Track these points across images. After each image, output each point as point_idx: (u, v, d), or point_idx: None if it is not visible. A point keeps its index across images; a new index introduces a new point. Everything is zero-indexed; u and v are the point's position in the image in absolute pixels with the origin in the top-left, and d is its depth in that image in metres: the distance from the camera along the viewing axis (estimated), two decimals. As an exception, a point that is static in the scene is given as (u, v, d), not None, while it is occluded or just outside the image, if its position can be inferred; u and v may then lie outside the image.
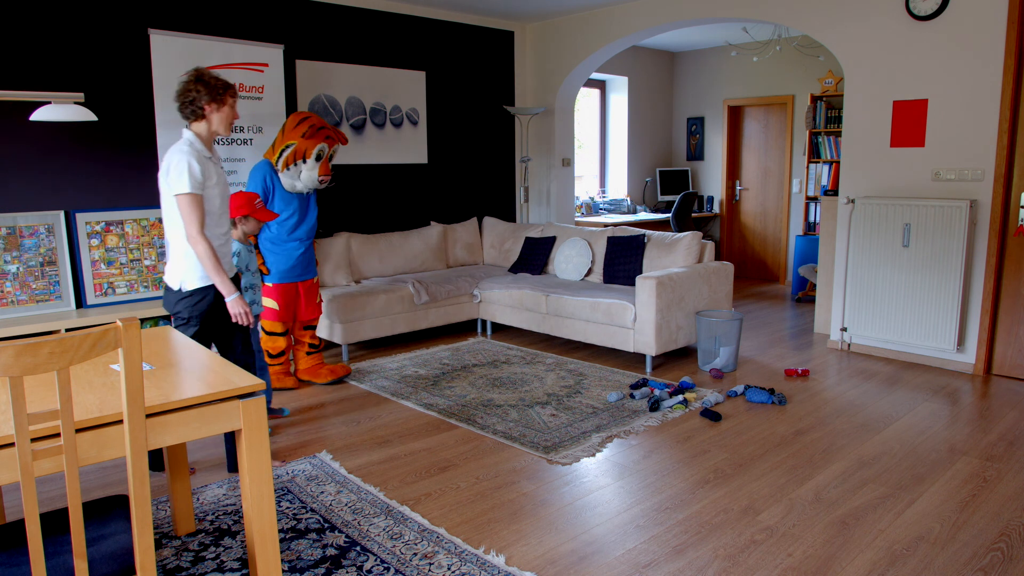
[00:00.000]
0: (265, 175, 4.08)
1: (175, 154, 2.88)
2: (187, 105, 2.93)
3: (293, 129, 4.10)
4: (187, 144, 2.92)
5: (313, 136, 4.08)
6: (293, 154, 4.06)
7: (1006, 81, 4.26)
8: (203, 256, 2.86)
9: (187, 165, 2.81)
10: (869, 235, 4.81)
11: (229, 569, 2.40)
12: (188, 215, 2.83)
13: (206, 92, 2.92)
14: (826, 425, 3.67)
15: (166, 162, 2.88)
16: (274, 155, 4.10)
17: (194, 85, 2.92)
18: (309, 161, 4.09)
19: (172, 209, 2.90)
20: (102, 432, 1.65)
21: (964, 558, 2.43)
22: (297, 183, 4.12)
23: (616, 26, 6.32)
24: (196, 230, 2.83)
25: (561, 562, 2.43)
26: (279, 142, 4.11)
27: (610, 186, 8.70)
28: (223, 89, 2.97)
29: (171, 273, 2.99)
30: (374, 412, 3.95)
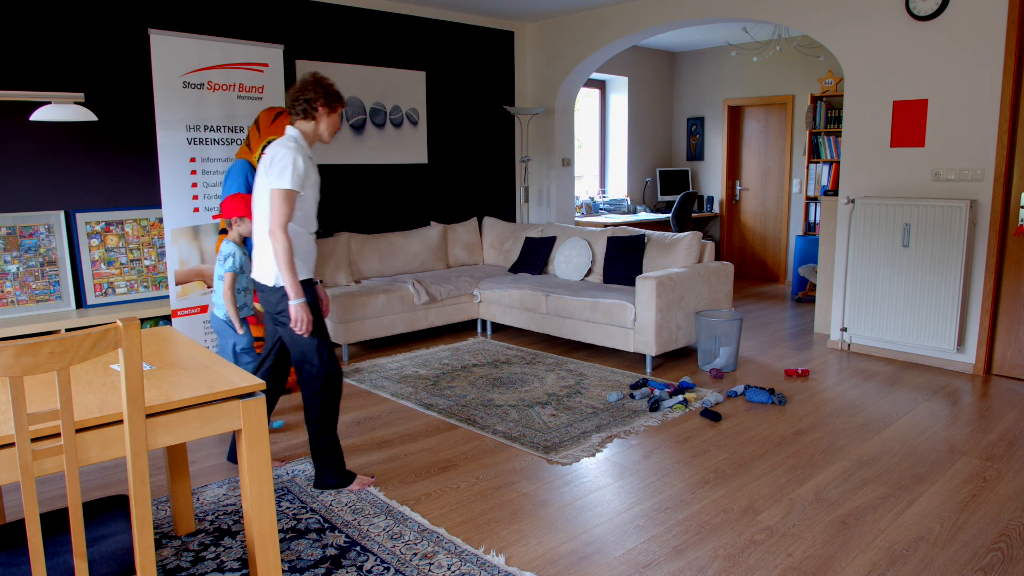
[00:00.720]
0: (246, 174, 3.95)
1: (281, 148, 2.84)
2: (300, 102, 2.91)
3: (272, 125, 3.99)
4: (294, 140, 2.90)
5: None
6: None
7: (1006, 81, 4.26)
8: (280, 251, 2.79)
9: (293, 160, 2.79)
10: (869, 235, 4.81)
11: (229, 569, 2.40)
12: (279, 209, 2.78)
13: (324, 94, 2.92)
14: (826, 425, 3.67)
15: (270, 155, 2.84)
16: (253, 154, 4.01)
17: (313, 87, 2.92)
18: None
19: (264, 201, 2.85)
20: (102, 432, 1.65)
21: (964, 558, 2.43)
22: None
23: (616, 26, 6.32)
24: (281, 225, 2.79)
25: (561, 562, 2.43)
26: (256, 140, 4.00)
27: (610, 186, 8.70)
28: (338, 98, 2.98)
29: (265, 271, 2.92)
30: (374, 412, 3.95)
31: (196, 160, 4.39)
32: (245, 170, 3.97)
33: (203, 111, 4.36)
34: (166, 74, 4.21)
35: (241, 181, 3.95)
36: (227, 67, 4.43)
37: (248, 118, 4.55)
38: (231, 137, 4.50)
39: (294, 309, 2.82)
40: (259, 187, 2.88)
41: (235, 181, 3.94)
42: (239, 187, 3.93)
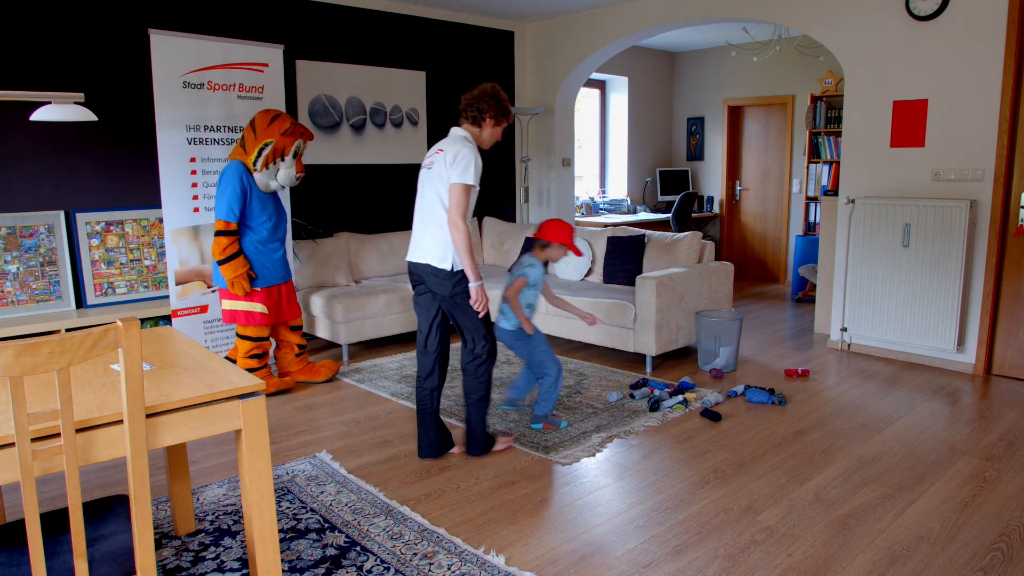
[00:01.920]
0: (242, 176, 3.94)
1: (463, 146, 3.06)
2: (473, 108, 3.16)
3: (268, 128, 3.99)
4: (470, 140, 3.14)
5: (292, 133, 4.02)
6: (272, 152, 3.97)
7: (1006, 81, 4.26)
8: (461, 240, 3.02)
9: (474, 160, 3.04)
10: (869, 235, 4.81)
11: (229, 569, 2.40)
12: (459, 202, 3.02)
13: (496, 107, 3.17)
14: (826, 425, 3.67)
15: (453, 151, 3.04)
16: (249, 156, 3.98)
17: (489, 99, 3.16)
18: (287, 159, 4.03)
19: (443, 194, 3.06)
20: (102, 432, 1.65)
21: (964, 558, 2.43)
22: (272, 182, 4.04)
23: (616, 26, 6.32)
24: (461, 216, 3.03)
25: (561, 562, 2.43)
26: (252, 142, 3.98)
27: (610, 186, 8.70)
28: (506, 113, 3.22)
29: (438, 256, 3.10)
30: (374, 412, 3.95)
31: (196, 160, 4.39)
32: (240, 172, 3.96)
33: (203, 111, 4.36)
34: (166, 74, 4.21)
35: (236, 183, 3.93)
36: (227, 67, 4.43)
37: (248, 118, 4.55)
38: (231, 137, 4.51)
39: (474, 290, 3.11)
40: (429, 180, 3.12)
41: (230, 183, 3.92)
42: (234, 189, 3.91)
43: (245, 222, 4.01)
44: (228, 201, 3.90)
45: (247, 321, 4.08)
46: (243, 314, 4.08)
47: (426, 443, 3.31)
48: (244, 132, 4.06)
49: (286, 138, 4.00)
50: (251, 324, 4.09)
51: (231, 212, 3.91)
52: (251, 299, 4.08)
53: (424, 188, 3.16)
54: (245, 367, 4.13)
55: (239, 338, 4.14)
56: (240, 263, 3.97)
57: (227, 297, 4.09)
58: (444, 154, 3.08)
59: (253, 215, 4.01)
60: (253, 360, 4.16)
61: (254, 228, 4.04)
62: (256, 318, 4.10)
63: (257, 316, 4.10)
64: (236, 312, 4.08)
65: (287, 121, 4.03)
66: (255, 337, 4.13)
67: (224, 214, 3.91)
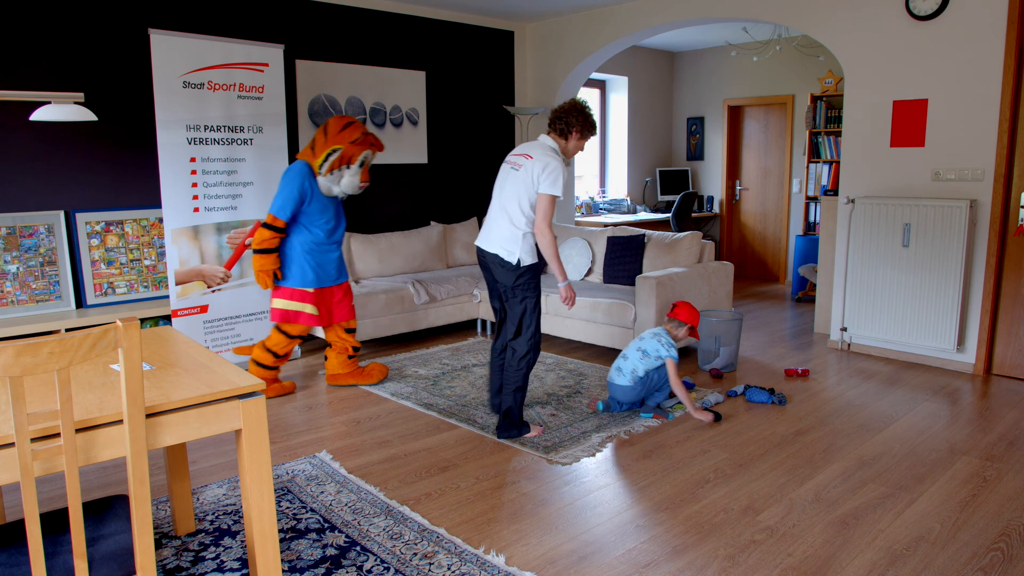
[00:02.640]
0: (304, 178, 3.95)
1: (552, 158, 3.32)
2: (561, 121, 3.42)
3: (339, 134, 3.98)
4: (557, 152, 3.40)
5: (361, 143, 4.01)
6: (339, 159, 3.97)
7: (1006, 81, 4.26)
8: (548, 246, 3.35)
9: (561, 173, 3.30)
10: (869, 235, 4.81)
11: (229, 569, 2.40)
12: (546, 211, 3.32)
13: (582, 122, 3.41)
14: (826, 425, 3.67)
15: (543, 161, 3.30)
16: (316, 159, 3.97)
17: (578, 113, 3.41)
18: (353, 167, 4.01)
19: (523, 196, 3.35)
20: (102, 432, 1.65)
21: (964, 558, 2.43)
22: (335, 188, 4.03)
23: (616, 26, 6.32)
24: (548, 224, 3.33)
25: (561, 562, 2.43)
26: (321, 146, 3.97)
27: (610, 186, 8.70)
28: (592, 128, 3.46)
29: (505, 250, 3.40)
30: (374, 412, 3.95)
31: (196, 160, 4.39)
32: (304, 174, 3.96)
33: (203, 111, 4.36)
34: (166, 74, 4.21)
35: (297, 186, 3.93)
36: (227, 67, 4.44)
37: (248, 118, 4.56)
38: (231, 137, 4.51)
39: (563, 289, 3.52)
40: (513, 180, 3.39)
41: (291, 183, 3.93)
42: (293, 191, 3.92)
43: (303, 223, 4.01)
44: (284, 201, 3.91)
45: (294, 320, 4.07)
46: (292, 313, 4.06)
47: (496, 402, 3.71)
48: (315, 134, 4.07)
49: (355, 147, 3.99)
50: (297, 323, 4.07)
51: (283, 211, 3.92)
52: (301, 299, 4.06)
53: (506, 185, 3.42)
54: (258, 358, 4.13)
55: (275, 330, 4.12)
56: (272, 259, 3.97)
57: (278, 296, 4.07)
58: (534, 162, 3.32)
59: (312, 217, 4.01)
60: (269, 356, 4.13)
61: (311, 230, 4.03)
62: (303, 318, 4.07)
63: (304, 316, 4.08)
64: (286, 311, 4.06)
65: (358, 130, 4.02)
66: (291, 335, 4.11)
67: (276, 211, 3.92)
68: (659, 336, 3.85)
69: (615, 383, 3.83)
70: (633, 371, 3.78)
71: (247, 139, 4.57)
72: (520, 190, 3.34)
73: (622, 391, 3.80)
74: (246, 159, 4.58)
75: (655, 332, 3.89)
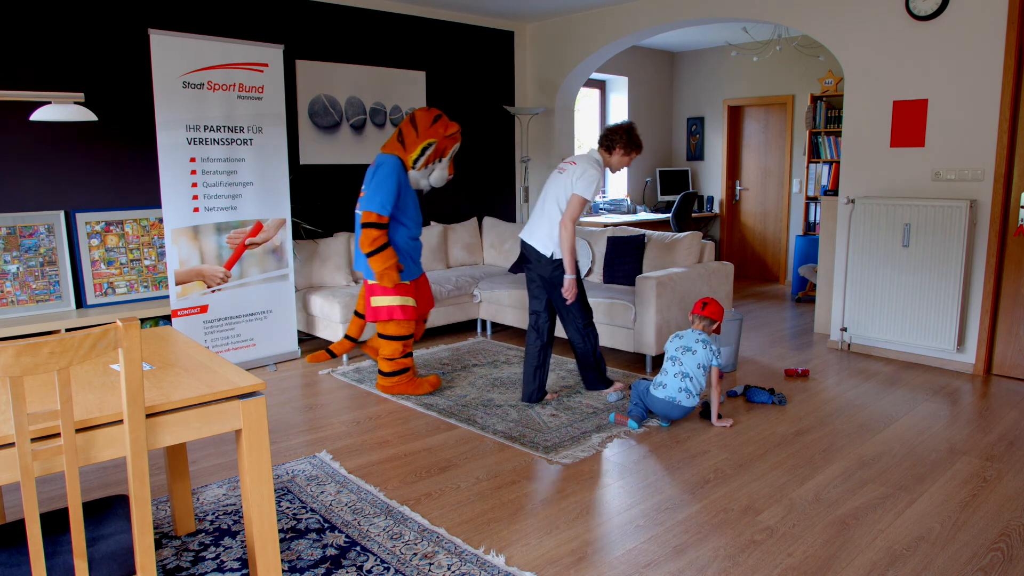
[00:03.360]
0: (400, 174, 3.95)
1: (592, 166, 3.77)
2: (608, 138, 3.86)
3: (431, 127, 3.97)
4: (600, 163, 3.85)
5: (454, 137, 4.03)
6: (434, 153, 3.98)
7: (1006, 81, 4.26)
8: (567, 239, 3.77)
9: (597, 181, 3.76)
10: (869, 235, 4.81)
11: (229, 569, 2.40)
12: (574, 210, 3.75)
13: (626, 140, 3.83)
14: (826, 425, 3.67)
15: (583, 167, 3.76)
16: (410, 153, 3.97)
17: (622, 133, 3.84)
18: (444, 160, 4.04)
19: (561, 196, 3.80)
20: (102, 432, 1.65)
21: (964, 558, 2.43)
22: (424, 181, 4.05)
23: (616, 26, 6.32)
24: (572, 220, 3.75)
25: (561, 562, 2.43)
26: (413, 140, 3.96)
27: (610, 186, 8.70)
28: (636, 146, 3.86)
29: (543, 244, 3.85)
30: (374, 412, 3.95)
31: (196, 160, 4.39)
32: (399, 169, 3.96)
33: (203, 111, 4.36)
34: (166, 74, 4.21)
35: (395, 180, 3.91)
36: (227, 67, 4.43)
37: (248, 118, 4.55)
38: (231, 137, 4.51)
39: (567, 282, 3.83)
40: (555, 182, 3.84)
41: (390, 178, 3.91)
42: (393, 186, 3.91)
43: (398, 217, 4.02)
44: (385, 196, 3.90)
45: (403, 315, 4.04)
46: (399, 308, 4.04)
47: (530, 391, 3.99)
48: (403, 128, 4.04)
49: (448, 140, 4.02)
50: (405, 318, 4.06)
51: (385, 207, 3.91)
52: (404, 293, 4.05)
53: (549, 187, 3.88)
54: (398, 368, 4.13)
55: (386, 339, 4.10)
56: (390, 254, 3.96)
57: (380, 293, 4.05)
58: (576, 167, 3.77)
59: (407, 211, 4.03)
60: (408, 359, 4.14)
61: (406, 223, 4.05)
62: (409, 311, 4.08)
63: (410, 310, 4.08)
64: (392, 308, 4.04)
65: (450, 125, 4.04)
66: (402, 336, 4.09)
67: (378, 207, 3.90)
68: (708, 344, 3.66)
69: (684, 405, 3.60)
70: (700, 389, 3.63)
71: (247, 139, 4.57)
72: (559, 191, 3.79)
73: (687, 411, 3.64)
74: (246, 159, 4.58)
75: (702, 340, 3.66)
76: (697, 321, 3.78)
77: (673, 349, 3.71)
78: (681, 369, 3.62)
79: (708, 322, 3.77)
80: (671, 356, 3.70)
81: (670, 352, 3.73)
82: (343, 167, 5.90)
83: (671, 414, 3.64)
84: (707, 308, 3.77)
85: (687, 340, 3.69)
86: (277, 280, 4.81)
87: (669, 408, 3.62)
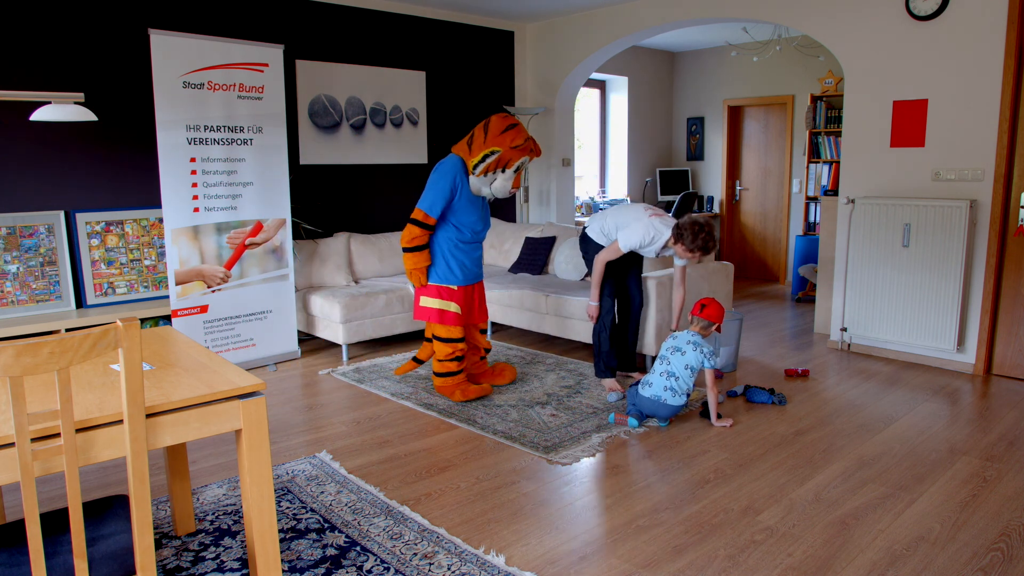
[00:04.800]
0: (457, 174, 3.85)
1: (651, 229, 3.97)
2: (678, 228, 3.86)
3: (500, 136, 3.82)
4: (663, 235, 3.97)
5: (522, 149, 3.85)
6: (496, 162, 3.82)
7: (1006, 81, 4.26)
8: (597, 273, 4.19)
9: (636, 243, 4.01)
10: (869, 235, 4.81)
11: (229, 569, 2.40)
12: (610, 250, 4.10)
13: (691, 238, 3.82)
14: (826, 425, 3.67)
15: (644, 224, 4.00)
16: (472, 158, 3.84)
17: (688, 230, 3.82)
18: (508, 172, 3.87)
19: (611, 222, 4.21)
20: (102, 432, 1.65)
21: (964, 558, 2.43)
22: (485, 189, 3.92)
23: (616, 26, 6.32)
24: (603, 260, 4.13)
25: (561, 562, 2.43)
26: (479, 144, 3.84)
27: (610, 186, 8.70)
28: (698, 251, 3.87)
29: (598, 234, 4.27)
30: (374, 412, 3.95)
31: (196, 160, 4.39)
32: (457, 170, 3.88)
33: (203, 111, 4.36)
34: (166, 74, 4.21)
35: (448, 183, 3.85)
36: (227, 67, 4.43)
37: (248, 118, 4.55)
38: (231, 137, 4.51)
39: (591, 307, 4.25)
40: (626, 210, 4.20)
41: (444, 179, 3.85)
42: (444, 188, 3.84)
43: (450, 220, 3.94)
44: (435, 198, 3.84)
45: (439, 320, 3.99)
46: (436, 312, 3.98)
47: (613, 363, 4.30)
48: (475, 131, 3.92)
49: (515, 152, 3.83)
50: (443, 323, 3.99)
51: (434, 208, 3.84)
52: (447, 297, 3.99)
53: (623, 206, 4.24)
54: (444, 370, 4.06)
55: (434, 340, 4.06)
56: (424, 256, 3.91)
57: (424, 294, 4.02)
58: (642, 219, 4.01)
59: (460, 215, 3.92)
60: (453, 363, 4.05)
61: (458, 227, 3.95)
62: (449, 317, 3.99)
63: (450, 316, 4.00)
64: (430, 310, 4.00)
65: (521, 136, 3.86)
66: (451, 338, 4.02)
67: (427, 207, 3.84)
68: (699, 347, 3.63)
69: (670, 403, 3.59)
70: (687, 389, 3.63)
71: (247, 139, 4.57)
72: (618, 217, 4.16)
73: (674, 409, 3.63)
74: (246, 159, 4.58)
75: (692, 342, 3.64)
76: (695, 323, 3.76)
77: (664, 348, 3.73)
78: (668, 368, 3.63)
79: (705, 324, 3.73)
80: (661, 355, 3.73)
81: (661, 351, 3.75)
82: (343, 167, 5.90)
83: (658, 412, 3.64)
84: (705, 311, 3.73)
85: (679, 341, 3.69)
86: (277, 280, 4.81)
87: (656, 407, 3.62)
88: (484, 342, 4.32)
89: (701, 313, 3.74)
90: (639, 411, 3.70)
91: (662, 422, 3.70)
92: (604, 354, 4.27)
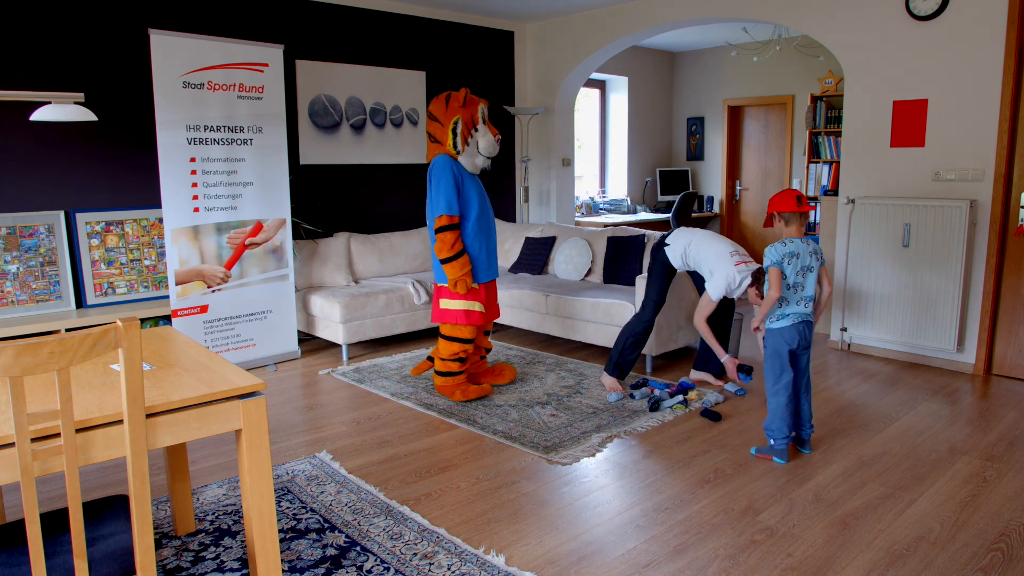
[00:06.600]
0: (450, 165, 3.81)
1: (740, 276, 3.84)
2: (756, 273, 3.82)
3: (447, 109, 3.84)
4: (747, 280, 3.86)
5: (469, 103, 3.85)
6: (464, 127, 3.81)
7: (1006, 81, 4.26)
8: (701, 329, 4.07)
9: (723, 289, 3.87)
10: (869, 235, 4.81)
11: (229, 569, 2.40)
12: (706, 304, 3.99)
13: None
14: (826, 425, 3.67)
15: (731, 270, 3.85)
16: (446, 144, 3.84)
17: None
18: (480, 127, 3.87)
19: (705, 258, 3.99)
20: (102, 432, 1.65)
21: (964, 558, 2.43)
22: (478, 158, 3.90)
23: (616, 26, 6.32)
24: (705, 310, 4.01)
25: (561, 562, 2.43)
26: (441, 131, 3.85)
27: (610, 186, 8.71)
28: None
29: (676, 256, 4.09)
30: (374, 412, 3.95)
31: (196, 160, 4.39)
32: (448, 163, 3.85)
33: (203, 111, 4.36)
34: (166, 74, 4.21)
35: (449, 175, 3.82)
36: (227, 67, 4.43)
37: (248, 118, 4.55)
38: (231, 137, 4.51)
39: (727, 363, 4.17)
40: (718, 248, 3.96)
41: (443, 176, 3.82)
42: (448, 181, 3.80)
43: (464, 214, 3.90)
44: (446, 194, 3.80)
45: (467, 321, 3.93)
46: (463, 313, 3.93)
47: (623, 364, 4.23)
48: (428, 128, 3.94)
49: (468, 108, 3.85)
50: (469, 324, 3.94)
51: (451, 205, 3.81)
52: (472, 297, 3.94)
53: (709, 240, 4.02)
54: (446, 369, 4.03)
55: (445, 339, 4.01)
56: (465, 261, 3.86)
57: (446, 296, 3.96)
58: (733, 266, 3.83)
59: (469, 205, 3.89)
60: (456, 363, 4.02)
61: (471, 219, 3.91)
62: (475, 317, 3.95)
63: (476, 315, 3.96)
64: (457, 312, 3.94)
65: (458, 97, 3.86)
66: (463, 339, 3.98)
67: (445, 208, 3.81)
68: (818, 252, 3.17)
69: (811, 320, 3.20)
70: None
71: (247, 139, 4.57)
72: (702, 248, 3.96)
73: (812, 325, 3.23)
74: (246, 159, 4.58)
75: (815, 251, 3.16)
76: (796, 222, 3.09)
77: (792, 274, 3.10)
78: (804, 295, 3.14)
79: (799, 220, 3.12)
80: (794, 282, 3.12)
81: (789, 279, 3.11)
82: (343, 167, 5.90)
83: (808, 333, 3.19)
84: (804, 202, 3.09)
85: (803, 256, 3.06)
86: (277, 280, 4.81)
87: (808, 326, 3.17)
88: (486, 342, 4.31)
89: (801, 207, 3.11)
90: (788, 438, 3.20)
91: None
92: (623, 356, 4.17)
